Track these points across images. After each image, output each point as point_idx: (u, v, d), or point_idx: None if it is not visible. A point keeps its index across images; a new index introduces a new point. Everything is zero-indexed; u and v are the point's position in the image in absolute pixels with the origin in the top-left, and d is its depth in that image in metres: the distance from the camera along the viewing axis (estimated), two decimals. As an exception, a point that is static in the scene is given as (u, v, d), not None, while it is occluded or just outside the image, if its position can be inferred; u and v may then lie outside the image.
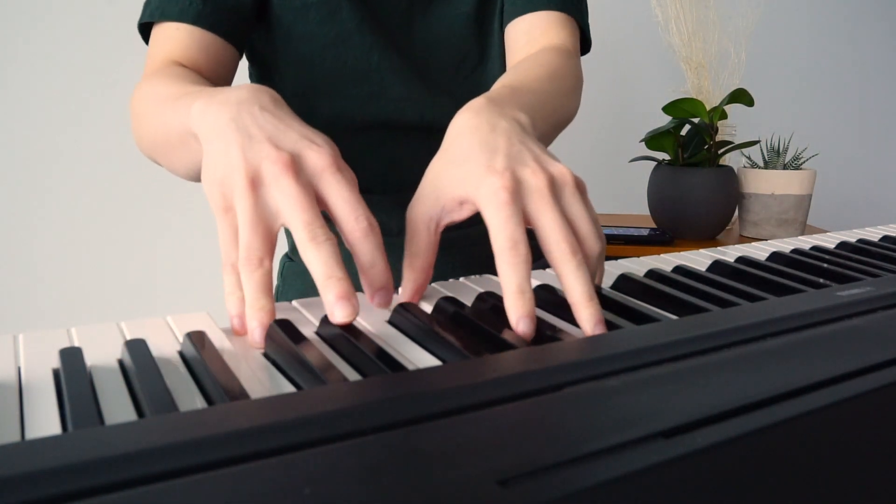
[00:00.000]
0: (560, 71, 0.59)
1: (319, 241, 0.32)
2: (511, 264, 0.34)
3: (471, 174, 0.37)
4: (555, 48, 0.64)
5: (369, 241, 0.35)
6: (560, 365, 0.25)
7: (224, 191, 0.35)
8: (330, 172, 0.35)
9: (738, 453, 0.19)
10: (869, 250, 0.53)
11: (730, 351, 0.27)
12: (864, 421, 0.22)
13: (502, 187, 0.35)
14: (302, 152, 0.35)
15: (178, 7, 0.60)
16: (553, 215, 0.36)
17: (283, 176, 0.33)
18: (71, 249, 1.46)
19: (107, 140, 1.44)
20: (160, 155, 0.54)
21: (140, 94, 0.56)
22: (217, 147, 0.36)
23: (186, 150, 0.45)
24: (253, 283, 0.33)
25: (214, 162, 0.36)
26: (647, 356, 0.27)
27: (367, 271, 0.35)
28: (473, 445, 0.19)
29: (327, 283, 0.32)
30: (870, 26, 1.82)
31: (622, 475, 0.18)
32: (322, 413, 0.21)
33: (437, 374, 0.24)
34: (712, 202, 1.20)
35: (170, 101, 0.48)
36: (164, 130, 0.48)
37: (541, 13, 0.66)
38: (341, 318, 0.32)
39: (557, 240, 0.35)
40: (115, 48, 1.41)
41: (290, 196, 0.33)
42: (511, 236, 0.34)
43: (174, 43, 0.60)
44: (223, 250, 0.35)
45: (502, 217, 0.35)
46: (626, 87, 1.65)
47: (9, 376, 0.27)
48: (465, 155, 0.39)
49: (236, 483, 0.17)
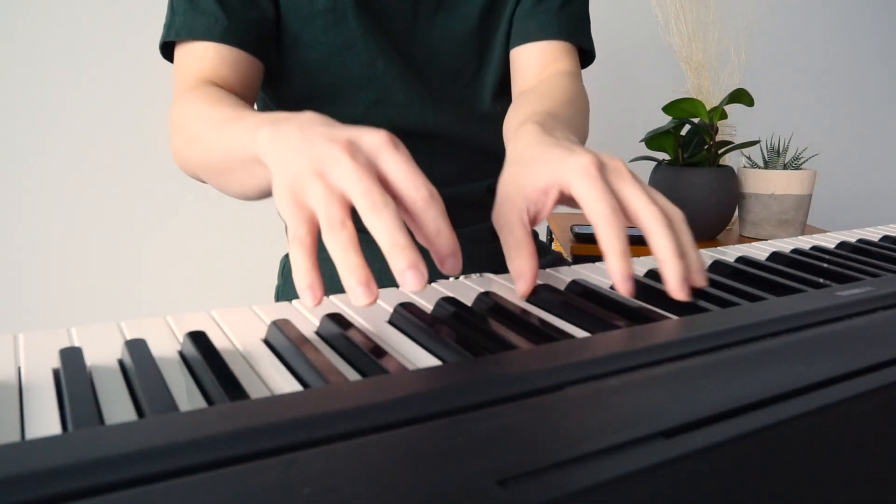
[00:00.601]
0: (577, 97, 0.65)
1: (379, 207, 0.33)
2: (614, 228, 0.37)
3: (553, 162, 0.41)
4: (567, 73, 0.68)
5: (432, 209, 0.35)
6: (560, 365, 0.25)
7: (295, 190, 0.35)
8: (386, 149, 0.36)
9: (738, 453, 0.19)
10: (869, 250, 0.53)
11: (730, 351, 0.27)
12: (864, 421, 0.22)
13: (591, 163, 0.39)
14: (357, 136, 0.36)
15: (204, 25, 0.61)
16: (636, 188, 0.39)
17: (341, 157, 0.34)
18: (71, 249, 1.46)
19: (107, 140, 1.44)
20: (212, 177, 0.54)
21: (182, 116, 0.57)
22: (286, 162, 0.37)
23: (249, 175, 0.47)
24: (340, 243, 0.32)
25: (284, 174, 0.37)
26: (647, 356, 0.27)
27: (434, 240, 0.35)
28: (473, 445, 0.19)
29: (393, 252, 0.32)
30: (870, 26, 1.82)
31: (622, 475, 0.18)
32: (322, 413, 0.21)
33: (437, 374, 0.24)
34: (712, 202, 1.20)
35: (222, 126, 0.49)
36: (221, 155, 0.49)
37: (551, 42, 0.70)
38: (413, 286, 0.31)
39: (643, 204, 0.39)
40: (113, 46, 1.41)
41: (349, 170, 0.34)
42: (610, 204, 0.38)
43: (205, 62, 0.61)
44: (293, 230, 0.34)
45: (598, 188, 0.38)
46: (626, 87, 1.65)
47: (9, 376, 0.27)
48: (542, 154, 0.43)
49: (236, 483, 0.17)
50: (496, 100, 0.74)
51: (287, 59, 0.67)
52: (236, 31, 0.61)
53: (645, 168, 1.47)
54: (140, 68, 1.42)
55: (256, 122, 0.43)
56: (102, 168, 1.44)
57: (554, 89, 0.64)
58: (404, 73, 0.68)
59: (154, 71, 1.42)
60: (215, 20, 0.61)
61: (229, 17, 0.61)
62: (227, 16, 0.61)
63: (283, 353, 0.30)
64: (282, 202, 0.36)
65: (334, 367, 0.27)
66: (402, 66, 0.68)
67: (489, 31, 0.72)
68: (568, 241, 1.25)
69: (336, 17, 0.64)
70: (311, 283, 0.33)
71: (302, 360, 0.28)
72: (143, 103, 1.44)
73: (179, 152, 0.59)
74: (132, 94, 1.43)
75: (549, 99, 0.61)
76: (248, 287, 1.55)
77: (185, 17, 0.61)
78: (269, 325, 0.32)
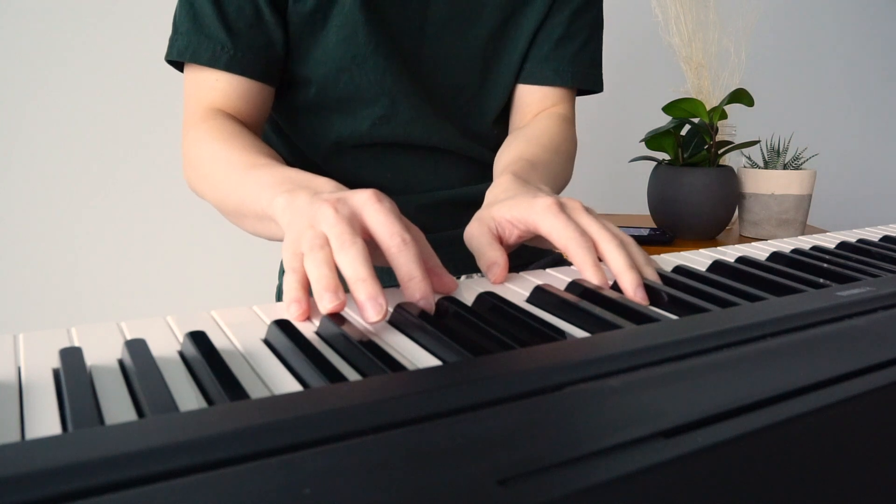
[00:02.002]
0: (563, 143, 0.70)
1: (347, 245, 0.36)
2: (584, 247, 0.43)
3: (521, 202, 0.48)
4: (562, 118, 0.73)
5: (403, 255, 0.38)
6: (560, 365, 0.25)
7: (296, 249, 0.39)
8: (369, 204, 0.40)
9: (738, 453, 0.19)
10: (869, 250, 0.53)
11: (730, 351, 0.27)
12: (864, 421, 0.22)
13: (553, 203, 0.46)
14: (347, 195, 0.41)
15: (209, 52, 0.60)
16: (591, 218, 0.46)
17: (328, 210, 0.39)
18: (71, 249, 1.46)
19: (106, 140, 1.44)
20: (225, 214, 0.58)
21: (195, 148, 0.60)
22: (292, 226, 0.42)
23: (263, 226, 0.52)
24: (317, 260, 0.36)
25: (290, 234, 0.41)
26: (647, 356, 0.27)
27: (406, 284, 0.37)
28: (473, 445, 0.19)
29: (355, 286, 0.35)
30: (870, 26, 1.82)
31: (622, 475, 0.18)
32: (322, 413, 0.21)
33: (437, 374, 0.24)
34: (712, 202, 1.20)
35: (240, 173, 0.53)
36: (237, 203, 0.53)
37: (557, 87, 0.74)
38: (371, 317, 0.34)
39: (597, 230, 0.45)
40: (117, 48, 1.41)
41: (329, 220, 0.38)
42: (575, 228, 0.44)
43: (216, 93, 0.62)
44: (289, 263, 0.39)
45: (562, 220, 0.45)
46: (626, 87, 1.65)
47: (9, 376, 0.27)
48: (513, 196, 0.49)
49: (236, 483, 0.17)
50: (496, 123, 0.75)
51: (295, 74, 0.67)
52: (241, 61, 0.61)
53: (645, 168, 1.47)
54: (141, 69, 1.42)
55: (274, 182, 0.48)
56: (103, 168, 1.44)
57: (542, 134, 0.69)
58: (410, 89, 0.68)
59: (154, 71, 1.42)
60: (221, 47, 0.60)
61: (235, 44, 0.61)
62: (232, 43, 0.60)
63: (283, 353, 0.30)
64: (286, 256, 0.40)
65: (334, 367, 0.27)
66: (409, 83, 0.68)
67: (496, 54, 0.73)
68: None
69: (348, 33, 0.64)
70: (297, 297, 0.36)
71: (302, 360, 0.28)
72: (145, 103, 1.44)
73: (192, 183, 0.62)
74: (134, 94, 1.43)
75: (536, 145, 0.67)
76: (248, 287, 1.55)
77: (189, 38, 0.61)
78: (269, 325, 0.32)
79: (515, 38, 0.73)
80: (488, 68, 0.73)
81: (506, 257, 0.45)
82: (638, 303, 0.39)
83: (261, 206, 0.48)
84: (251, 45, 0.61)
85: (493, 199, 0.52)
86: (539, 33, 0.73)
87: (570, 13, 0.73)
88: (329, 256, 0.37)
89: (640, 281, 0.41)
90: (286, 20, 0.64)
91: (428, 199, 0.72)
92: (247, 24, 0.61)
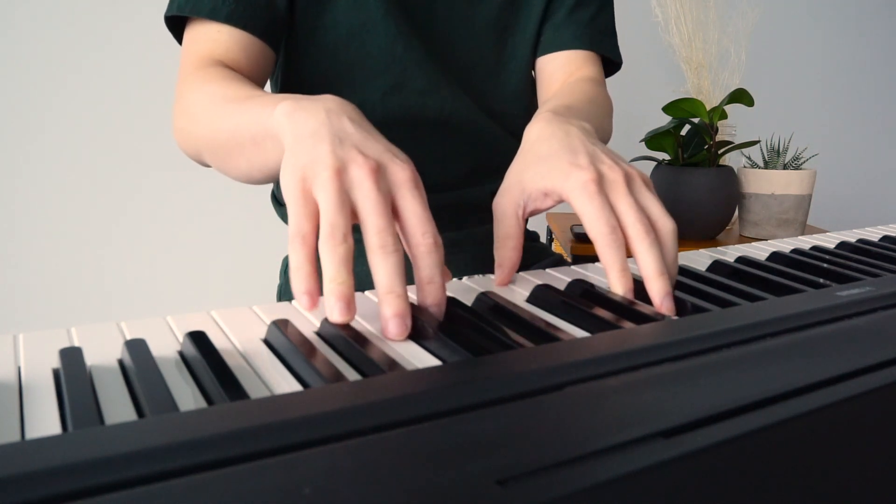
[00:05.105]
0: (598, 98, 0.68)
1: (389, 251, 0.33)
2: (613, 247, 0.39)
3: (556, 168, 0.43)
4: (590, 79, 0.71)
5: (431, 257, 0.36)
6: (561, 365, 0.25)
7: (305, 175, 0.35)
8: (408, 187, 0.37)
9: (738, 453, 0.19)
10: (869, 250, 0.53)
11: (730, 351, 0.27)
12: (864, 421, 0.22)
13: (591, 180, 0.41)
14: (387, 163, 0.37)
15: (210, 4, 0.59)
16: (629, 202, 0.41)
17: (367, 179, 0.35)
18: (71, 249, 1.46)
19: (107, 138, 1.44)
20: (218, 155, 0.53)
21: (191, 93, 0.56)
22: (306, 144, 0.37)
23: (258, 152, 0.46)
24: (336, 257, 0.33)
25: (299, 154, 0.37)
26: (647, 356, 0.27)
27: (426, 286, 0.36)
28: (473, 445, 0.19)
29: (387, 298, 0.33)
30: (870, 26, 1.82)
31: (622, 475, 0.18)
32: (322, 413, 0.21)
33: (437, 374, 0.24)
34: (712, 202, 1.20)
35: (234, 103, 0.49)
36: (231, 131, 0.49)
37: (578, 51, 0.73)
38: (394, 334, 0.32)
39: (633, 222, 0.40)
40: (114, 42, 1.41)
41: (370, 199, 0.35)
42: (609, 222, 0.39)
43: (215, 45, 0.60)
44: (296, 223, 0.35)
45: (596, 205, 0.40)
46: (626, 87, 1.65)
47: (9, 376, 0.27)
48: (548, 153, 0.44)
49: (236, 483, 0.17)
50: (516, 102, 0.74)
51: (302, 42, 0.66)
52: (243, 14, 0.60)
53: (645, 168, 1.47)
54: (146, 67, 1.42)
55: (275, 98, 0.43)
56: (103, 168, 1.44)
57: (575, 90, 0.66)
58: (423, 58, 0.67)
59: (159, 70, 1.42)
60: (222, 1, 0.59)
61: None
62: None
63: (283, 353, 0.30)
64: (288, 182, 0.36)
65: (334, 367, 0.27)
66: (421, 52, 0.67)
67: (508, 27, 0.72)
68: (568, 241, 1.25)
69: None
70: (308, 288, 0.34)
71: (302, 360, 0.28)
72: (147, 103, 1.44)
73: (184, 130, 0.58)
74: (135, 94, 1.43)
75: (570, 96, 0.63)
76: (249, 287, 1.55)
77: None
78: (269, 325, 0.32)
79: (528, 10, 0.72)
80: (503, 42, 0.72)
81: (516, 258, 0.44)
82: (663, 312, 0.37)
83: (259, 121, 0.44)
84: (253, 1, 0.60)
85: (528, 147, 0.47)
86: (552, 3, 0.73)
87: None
88: (351, 253, 0.33)
89: (668, 290, 0.38)
90: None
91: (432, 202, 0.72)
92: None
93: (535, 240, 0.83)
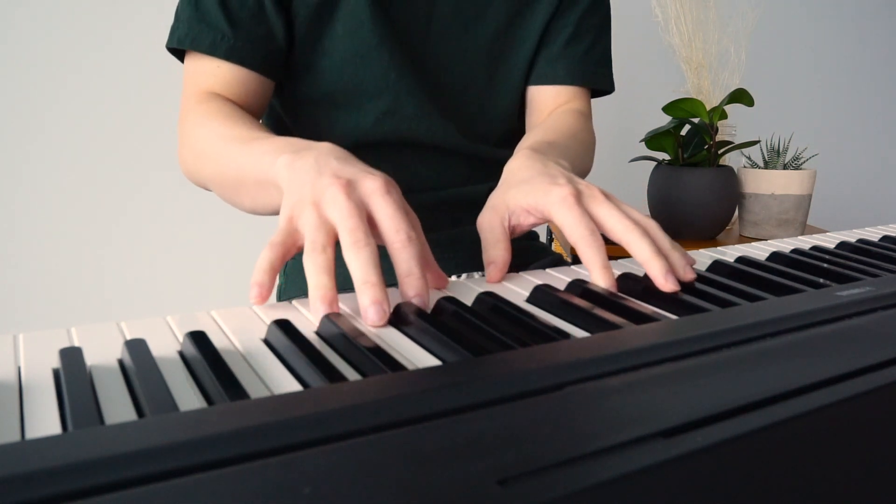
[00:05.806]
0: (580, 134, 0.70)
1: (361, 246, 0.36)
2: (594, 247, 0.42)
3: (537, 188, 0.46)
4: (577, 112, 0.73)
5: (407, 251, 0.38)
6: (560, 365, 0.25)
7: (293, 213, 0.40)
8: (379, 194, 0.40)
9: (738, 453, 0.19)
10: (869, 250, 0.53)
11: (730, 351, 0.27)
12: (864, 421, 0.22)
13: (569, 194, 0.44)
14: (357, 178, 0.40)
15: (209, 39, 0.61)
16: (609, 206, 0.44)
17: (339, 194, 0.39)
18: (71, 249, 1.46)
19: (107, 139, 1.44)
20: (223, 190, 0.57)
21: (194, 129, 0.59)
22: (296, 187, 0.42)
23: (263, 194, 0.51)
24: (317, 266, 0.36)
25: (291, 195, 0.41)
26: (647, 356, 0.27)
27: (404, 279, 0.38)
28: (473, 445, 0.19)
29: (363, 288, 0.35)
30: (870, 26, 1.82)
31: (622, 475, 0.18)
32: (322, 413, 0.21)
33: (437, 374, 0.24)
34: (712, 202, 1.20)
35: (239, 144, 0.53)
36: (236, 173, 0.53)
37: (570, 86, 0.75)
38: (373, 321, 0.34)
39: (616, 221, 0.43)
40: (114, 42, 1.41)
41: (342, 208, 0.38)
42: (588, 226, 0.43)
43: (214, 79, 0.62)
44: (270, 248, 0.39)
45: (576, 213, 0.43)
46: (626, 87, 1.65)
47: (9, 376, 0.27)
48: (529, 177, 0.48)
49: (236, 483, 0.17)
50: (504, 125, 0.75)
51: (298, 65, 0.67)
52: (241, 50, 0.61)
53: (645, 168, 1.47)
54: (147, 70, 1.42)
55: (277, 147, 0.47)
56: (103, 167, 1.44)
57: (559, 124, 0.69)
58: (415, 85, 0.68)
59: (159, 72, 1.42)
60: (221, 36, 0.61)
61: (235, 33, 0.61)
62: (233, 32, 0.61)
63: (283, 353, 0.30)
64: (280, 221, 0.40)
65: (334, 367, 0.27)
66: (414, 79, 0.68)
67: (503, 53, 0.73)
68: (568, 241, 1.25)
69: (354, 27, 0.64)
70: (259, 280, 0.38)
71: (302, 360, 0.28)
72: (147, 104, 1.44)
73: (190, 165, 0.61)
74: (135, 94, 1.43)
75: (553, 131, 0.66)
76: (249, 287, 1.55)
77: (190, 25, 0.61)
78: (269, 325, 0.32)
79: (522, 38, 0.73)
80: (495, 68, 0.73)
81: (507, 257, 0.46)
82: (669, 290, 0.39)
83: (262, 169, 0.47)
84: (252, 35, 0.62)
85: (509, 176, 0.51)
86: (547, 34, 0.73)
87: (578, 13, 0.73)
88: (331, 261, 0.37)
89: (668, 267, 0.40)
90: (290, 13, 0.64)
91: (430, 199, 0.72)
92: (248, 15, 0.61)
93: (535, 239, 0.84)
